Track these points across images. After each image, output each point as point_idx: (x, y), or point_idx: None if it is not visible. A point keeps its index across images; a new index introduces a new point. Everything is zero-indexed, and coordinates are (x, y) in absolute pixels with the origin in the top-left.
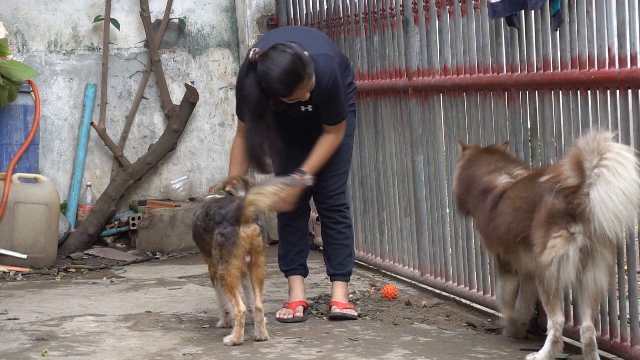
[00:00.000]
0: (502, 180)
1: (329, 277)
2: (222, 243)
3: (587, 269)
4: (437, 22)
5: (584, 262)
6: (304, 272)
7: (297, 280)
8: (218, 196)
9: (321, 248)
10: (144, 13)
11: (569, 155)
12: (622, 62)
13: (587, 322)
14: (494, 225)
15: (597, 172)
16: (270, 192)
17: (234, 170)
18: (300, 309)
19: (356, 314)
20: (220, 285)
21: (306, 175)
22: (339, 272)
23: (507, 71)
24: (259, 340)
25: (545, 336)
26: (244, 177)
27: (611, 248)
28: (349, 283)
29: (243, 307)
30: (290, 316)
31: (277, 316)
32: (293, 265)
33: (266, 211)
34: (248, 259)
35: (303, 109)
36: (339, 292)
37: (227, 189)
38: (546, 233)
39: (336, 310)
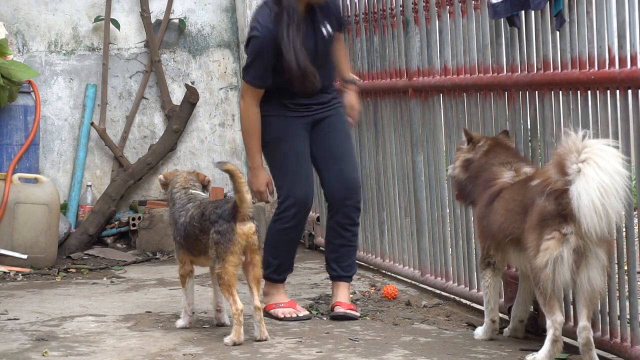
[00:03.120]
0: (506, 176)
1: (333, 278)
2: (218, 240)
3: (580, 268)
4: (437, 22)
5: (578, 262)
6: None
7: (283, 285)
8: (198, 192)
9: (321, 248)
10: (144, 13)
11: (552, 161)
12: (622, 62)
13: (583, 322)
14: (488, 221)
15: (575, 167)
16: (241, 184)
17: (256, 143)
18: (300, 307)
19: (358, 314)
20: (218, 284)
21: (355, 79)
22: (347, 273)
23: (507, 71)
24: (259, 340)
25: (545, 336)
26: (192, 172)
27: (605, 247)
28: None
29: (240, 305)
30: (293, 315)
31: (280, 316)
32: (284, 275)
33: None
34: (243, 257)
35: (325, 31)
36: (344, 293)
37: (192, 191)
38: (539, 236)
39: (340, 309)
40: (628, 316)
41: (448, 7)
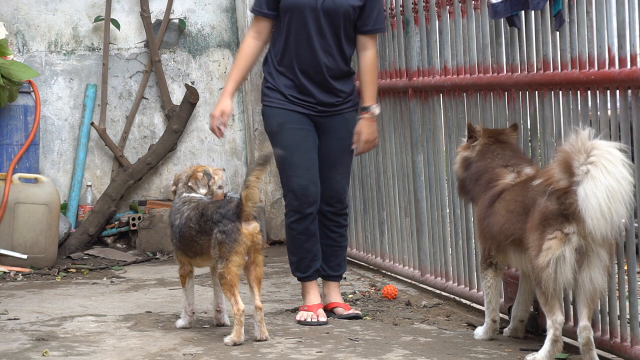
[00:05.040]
0: (508, 178)
1: (322, 277)
2: (222, 240)
3: (582, 268)
4: (437, 22)
5: (580, 262)
6: (318, 276)
7: (313, 284)
8: (193, 194)
9: None
10: (144, 13)
11: (557, 158)
12: (622, 62)
13: (583, 322)
14: (488, 222)
15: (584, 169)
16: (254, 181)
17: (235, 70)
18: (322, 312)
19: (360, 312)
20: (220, 284)
21: (372, 107)
22: (335, 273)
23: (507, 71)
24: (259, 340)
25: (545, 336)
26: (206, 168)
27: (607, 247)
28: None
29: (242, 306)
30: (314, 319)
31: (298, 319)
32: (308, 272)
33: (258, 200)
34: (246, 257)
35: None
36: (336, 292)
37: (190, 184)
38: (541, 235)
39: (344, 312)
40: (628, 316)
41: (448, 7)
